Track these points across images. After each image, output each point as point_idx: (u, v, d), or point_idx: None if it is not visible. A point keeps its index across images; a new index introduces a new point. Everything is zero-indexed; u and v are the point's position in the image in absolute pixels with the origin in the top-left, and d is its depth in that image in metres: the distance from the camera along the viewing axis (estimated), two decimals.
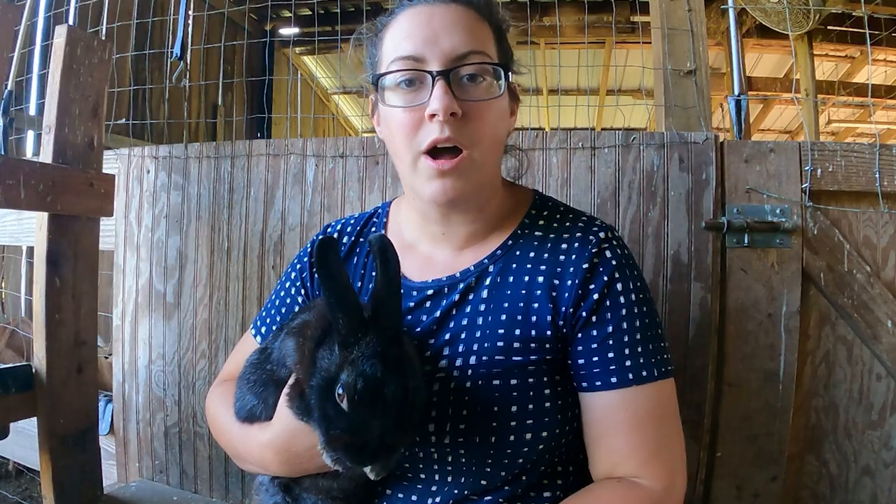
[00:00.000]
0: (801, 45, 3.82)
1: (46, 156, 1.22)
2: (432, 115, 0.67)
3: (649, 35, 1.36)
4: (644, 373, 0.68)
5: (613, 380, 0.69)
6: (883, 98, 4.33)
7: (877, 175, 1.12)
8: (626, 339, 0.69)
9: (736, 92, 1.27)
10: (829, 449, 1.15)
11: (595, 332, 0.70)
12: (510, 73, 0.75)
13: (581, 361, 0.70)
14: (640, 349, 0.69)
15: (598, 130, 1.45)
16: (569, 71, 5.01)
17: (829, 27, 3.92)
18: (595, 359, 0.70)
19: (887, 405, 1.13)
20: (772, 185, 1.15)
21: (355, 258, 0.85)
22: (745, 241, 1.14)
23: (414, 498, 0.71)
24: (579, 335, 0.71)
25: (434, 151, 0.69)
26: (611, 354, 0.69)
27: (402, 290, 0.66)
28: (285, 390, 0.67)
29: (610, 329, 0.69)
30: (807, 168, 1.13)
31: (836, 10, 3.48)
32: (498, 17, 0.76)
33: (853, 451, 1.15)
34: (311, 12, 4.15)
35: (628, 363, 0.69)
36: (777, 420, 1.13)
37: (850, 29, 3.79)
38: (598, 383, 0.69)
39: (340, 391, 0.57)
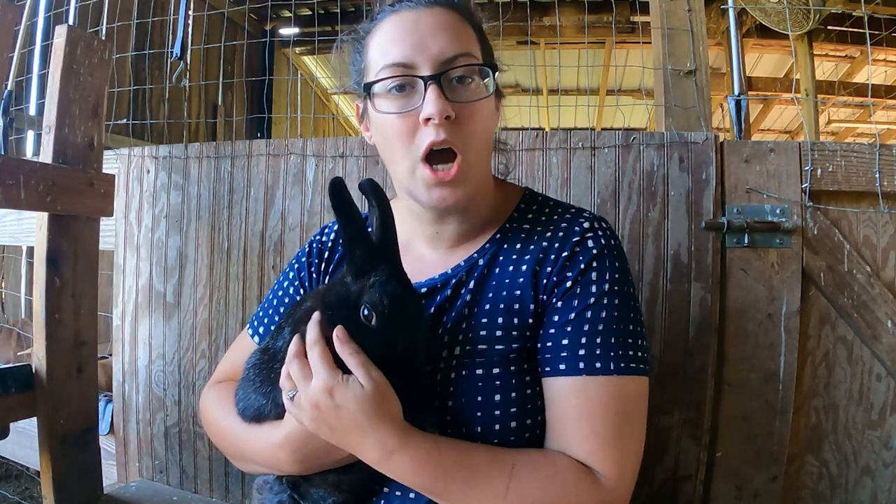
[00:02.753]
0: (801, 45, 3.82)
1: (46, 156, 1.22)
2: (427, 120, 0.68)
3: (649, 35, 1.36)
4: (598, 364, 0.67)
5: (562, 366, 0.68)
6: (883, 98, 4.32)
7: (877, 175, 1.12)
8: (585, 327, 0.68)
9: (736, 92, 1.27)
10: (829, 449, 1.15)
11: (557, 318, 0.70)
12: (496, 72, 0.75)
13: (539, 345, 0.71)
14: (598, 340, 0.68)
15: (598, 130, 1.45)
16: (569, 71, 5.00)
17: (829, 27, 3.92)
18: (549, 344, 0.70)
19: (887, 405, 1.13)
20: (772, 185, 1.15)
21: None
22: (745, 241, 1.14)
23: (412, 496, 0.70)
24: (545, 319, 0.71)
25: (429, 155, 0.70)
26: (565, 341, 0.69)
27: None
28: None
29: (571, 315, 0.69)
30: (807, 168, 1.13)
31: (836, 10, 3.48)
32: (478, 17, 0.77)
33: (853, 451, 1.15)
34: (311, 12, 4.15)
35: (582, 352, 0.68)
36: (777, 420, 1.13)
37: (850, 29, 3.79)
38: (548, 369, 0.69)
39: (366, 312, 0.63)
